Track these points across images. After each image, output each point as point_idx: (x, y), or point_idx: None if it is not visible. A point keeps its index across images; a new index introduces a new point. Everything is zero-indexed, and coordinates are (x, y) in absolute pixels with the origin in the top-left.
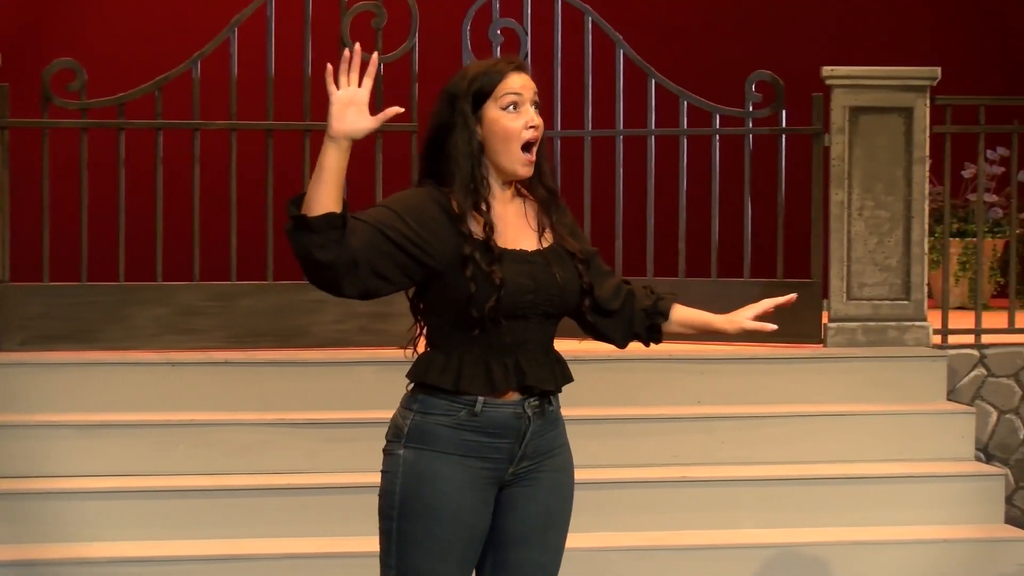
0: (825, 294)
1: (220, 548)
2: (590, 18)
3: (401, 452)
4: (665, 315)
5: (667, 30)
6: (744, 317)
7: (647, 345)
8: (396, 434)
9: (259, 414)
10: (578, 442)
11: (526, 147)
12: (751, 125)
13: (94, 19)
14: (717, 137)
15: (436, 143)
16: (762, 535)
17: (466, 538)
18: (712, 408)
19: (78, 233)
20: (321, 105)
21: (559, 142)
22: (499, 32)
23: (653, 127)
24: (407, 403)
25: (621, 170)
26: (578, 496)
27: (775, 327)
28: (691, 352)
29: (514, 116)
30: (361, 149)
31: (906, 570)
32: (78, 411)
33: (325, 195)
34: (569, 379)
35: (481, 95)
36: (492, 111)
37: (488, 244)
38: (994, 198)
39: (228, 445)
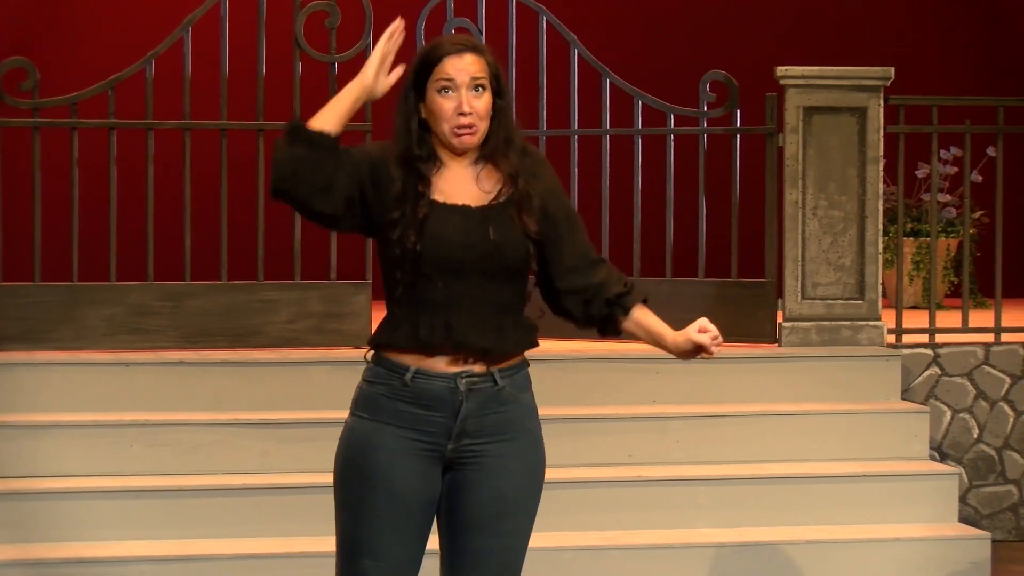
0: (779, 294)
1: (173, 548)
2: (544, 18)
3: (349, 420)
4: (625, 310)
5: (621, 30)
6: (683, 339)
7: (601, 334)
8: (353, 403)
9: (212, 414)
10: None
11: (459, 128)
12: (705, 125)
13: (46, 18)
14: (671, 137)
15: (397, 122)
16: (717, 534)
17: (402, 509)
18: (666, 408)
19: (31, 233)
20: (274, 105)
21: None
22: (453, 31)
23: (608, 127)
24: (364, 373)
25: (576, 170)
26: None
27: (714, 353)
28: (645, 352)
29: (446, 99)
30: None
31: (861, 569)
32: (30, 411)
33: (330, 120)
34: (524, 344)
35: (422, 74)
36: (431, 92)
37: (420, 192)
38: (948, 198)
39: (181, 445)
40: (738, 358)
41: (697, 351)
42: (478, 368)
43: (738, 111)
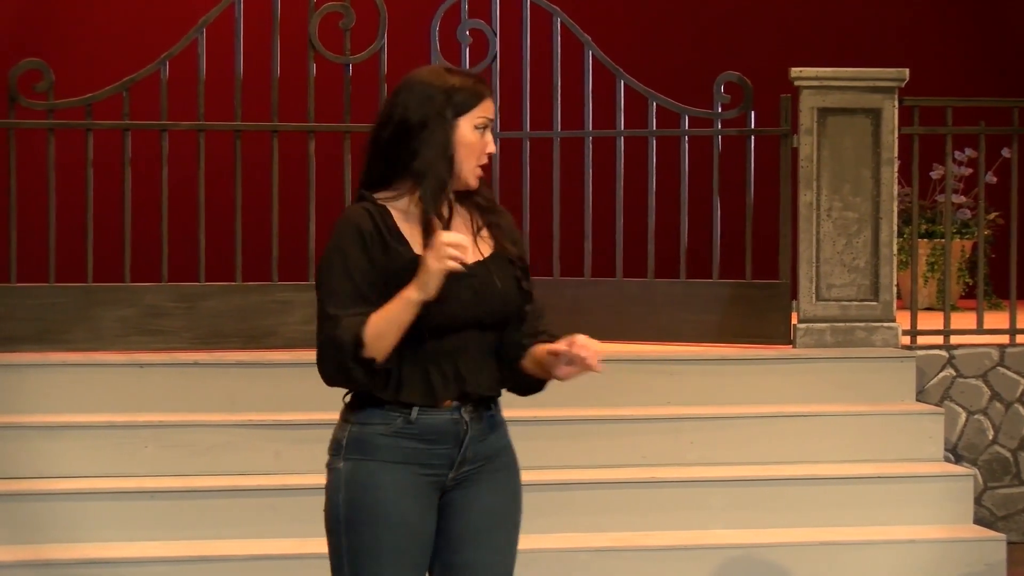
0: (794, 295)
1: (187, 549)
2: (559, 19)
3: (341, 466)
4: (524, 351)
5: (636, 31)
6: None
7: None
8: (336, 448)
9: (226, 415)
10: (546, 443)
11: (480, 166)
12: (719, 126)
13: (62, 19)
14: (686, 138)
15: (403, 137)
16: (730, 536)
17: (416, 543)
18: (681, 409)
19: (45, 234)
20: (289, 106)
21: (528, 143)
22: (468, 33)
23: (622, 128)
24: (344, 415)
25: (590, 171)
26: (546, 496)
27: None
28: (660, 353)
29: (482, 136)
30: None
31: (875, 570)
32: (44, 412)
33: (387, 348)
34: (506, 385)
35: (462, 107)
36: (466, 126)
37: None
38: (962, 199)
39: (195, 446)
40: (752, 359)
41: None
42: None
43: (752, 112)
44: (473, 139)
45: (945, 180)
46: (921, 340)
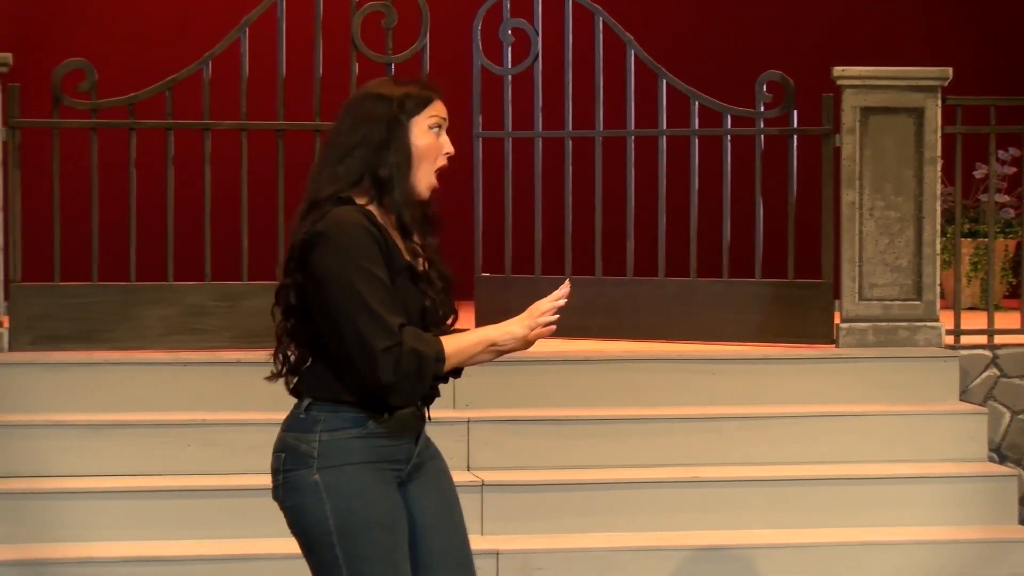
0: (836, 295)
1: (229, 548)
2: (601, 18)
3: (316, 477)
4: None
5: (678, 30)
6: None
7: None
8: (298, 461)
9: (268, 414)
10: (587, 442)
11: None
12: (762, 125)
13: (105, 19)
14: (728, 137)
15: (366, 154)
16: (772, 536)
17: (406, 538)
18: (723, 408)
19: (88, 233)
20: (331, 105)
21: (570, 143)
22: (510, 32)
23: (664, 127)
24: (303, 426)
25: (632, 171)
26: (586, 496)
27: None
28: (701, 352)
29: (435, 136)
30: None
31: (918, 571)
32: (87, 411)
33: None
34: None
35: (417, 108)
36: (419, 127)
37: (413, 266)
38: (1005, 198)
39: (237, 445)
40: (795, 359)
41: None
42: None
43: (795, 111)
44: (430, 139)
45: (988, 179)
46: (964, 340)
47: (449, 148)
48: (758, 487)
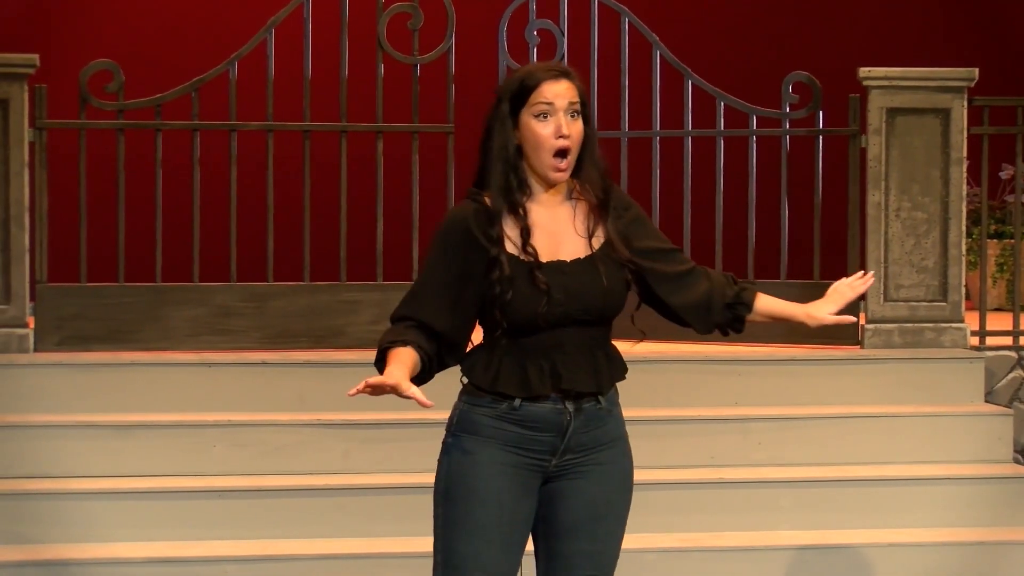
0: (862, 295)
1: (256, 548)
2: (626, 19)
3: (449, 440)
4: (749, 306)
5: (704, 31)
6: (825, 312)
7: (725, 334)
8: (448, 425)
9: (295, 415)
10: None
11: (559, 154)
12: (788, 126)
13: (131, 20)
14: (754, 138)
15: (482, 143)
16: (799, 537)
17: (507, 521)
18: (749, 409)
19: (115, 234)
20: (357, 106)
21: None
22: (535, 33)
23: (689, 128)
24: (460, 394)
25: (658, 171)
26: None
27: (854, 319)
28: (728, 353)
29: (544, 124)
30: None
31: (943, 572)
32: (114, 412)
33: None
34: (617, 378)
35: (518, 100)
36: (526, 117)
37: (515, 257)
38: None
39: (264, 445)
40: (820, 360)
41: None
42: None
43: (821, 112)
44: (535, 129)
45: (1015, 180)
46: (990, 341)
47: (563, 130)
48: (785, 488)
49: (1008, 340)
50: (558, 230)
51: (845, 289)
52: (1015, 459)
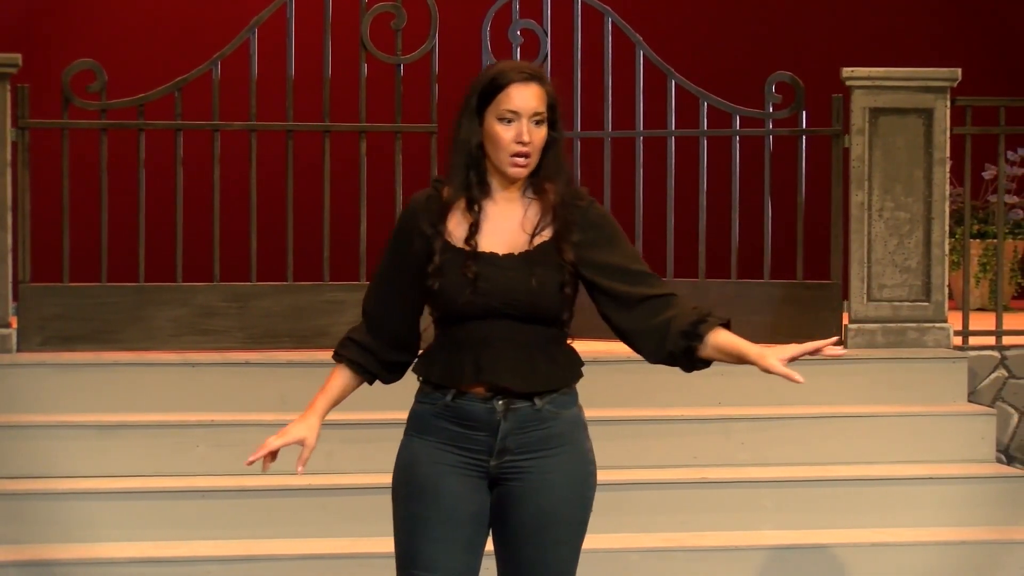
0: (845, 295)
1: (238, 548)
2: (610, 19)
3: (403, 439)
4: (701, 337)
5: (687, 31)
6: (775, 359)
7: (686, 370)
8: (406, 421)
9: (278, 415)
10: (597, 443)
11: (517, 155)
12: (771, 126)
13: (114, 20)
14: (737, 138)
15: (452, 133)
16: (782, 536)
17: (450, 520)
18: (731, 409)
19: (98, 234)
20: (340, 106)
21: (579, 143)
22: (519, 33)
23: (673, 128)
24: (416, 392)
25: (641, 171)
26: (597, 497)
27: (802, 380)
28: None
29: (506, 128)
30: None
31: (926, 572)
32: (97, 412)
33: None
34: (560, 383)
35: (485, 99)
36: (490, 117)
37: (452, 246)
38: (1015, 199)
39: (246, 446)
40: (803, 360)
41: (788, 361)
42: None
43: (804, 112)
44: (497, 131)
45: (997, 180)
46: (973, 341)
47: (522, 137)
48: (767, 488)
49: (991, 340)
50: (504, 225)
51: (811, 345)
52: (998, 458)
